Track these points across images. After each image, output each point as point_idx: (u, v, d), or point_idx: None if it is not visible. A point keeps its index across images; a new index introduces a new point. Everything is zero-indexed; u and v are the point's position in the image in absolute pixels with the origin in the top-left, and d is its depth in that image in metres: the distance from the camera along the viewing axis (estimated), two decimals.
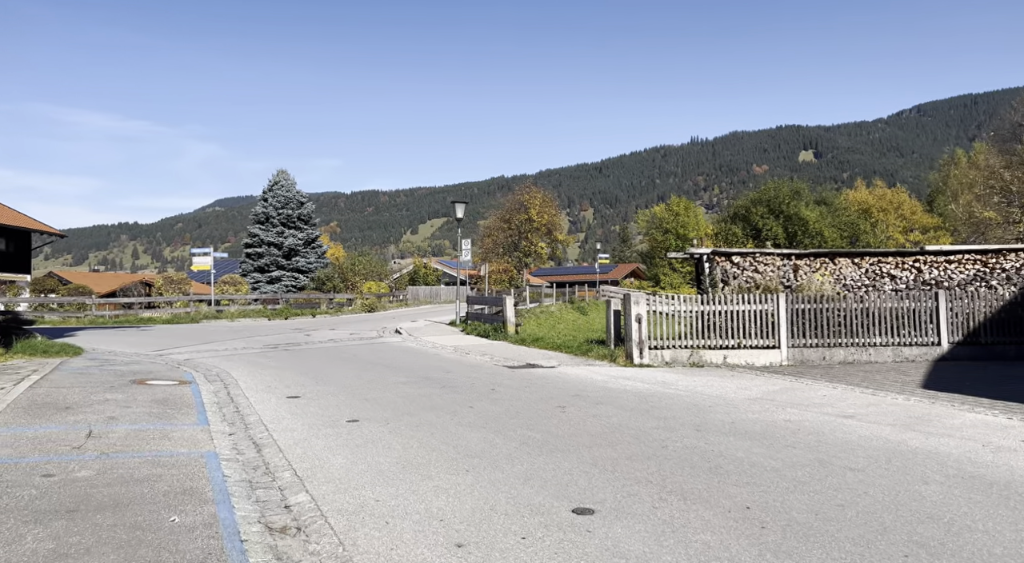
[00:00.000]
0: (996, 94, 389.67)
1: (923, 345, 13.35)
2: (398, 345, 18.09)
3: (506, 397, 9.59)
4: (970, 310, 13.38)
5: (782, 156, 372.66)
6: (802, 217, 48.66)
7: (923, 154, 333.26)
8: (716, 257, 14.49)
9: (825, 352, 13.32)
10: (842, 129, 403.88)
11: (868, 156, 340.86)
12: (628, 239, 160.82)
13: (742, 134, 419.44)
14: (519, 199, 57.85)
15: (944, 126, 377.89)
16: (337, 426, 7.83)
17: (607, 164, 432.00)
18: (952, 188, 54.20)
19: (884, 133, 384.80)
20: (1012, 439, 6.62)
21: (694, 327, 13.30)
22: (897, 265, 14.40)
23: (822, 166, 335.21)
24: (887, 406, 8.60)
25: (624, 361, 13.28)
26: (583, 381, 11.05)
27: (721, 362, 13.28)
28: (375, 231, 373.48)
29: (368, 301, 40.38)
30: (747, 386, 10.46)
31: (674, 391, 9.98)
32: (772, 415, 8.11)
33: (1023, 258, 14.34)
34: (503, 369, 12.73)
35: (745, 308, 13.32)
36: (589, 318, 33.74)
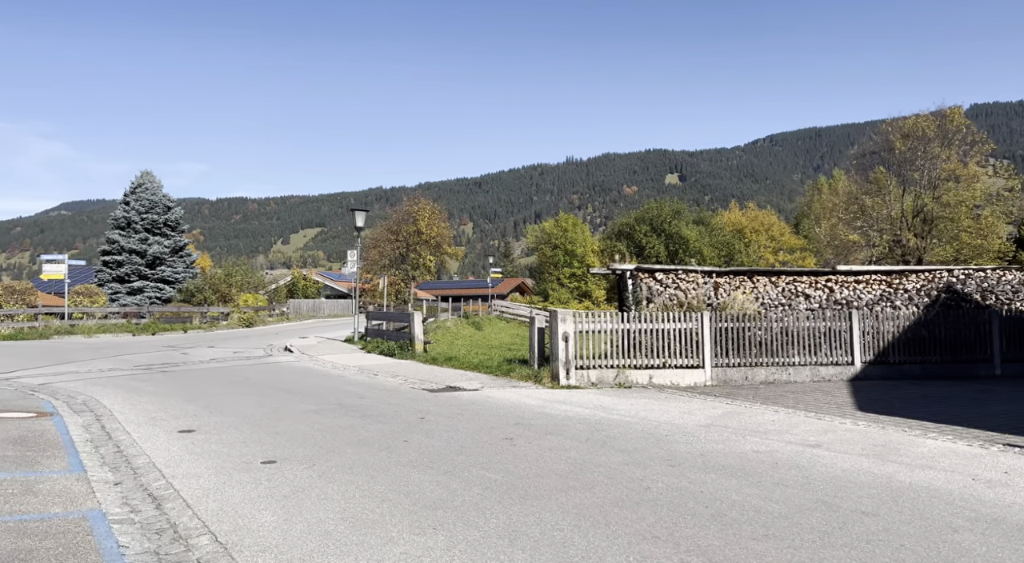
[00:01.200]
0: (836, 128, 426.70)
1: (839, 365, 13.50)
2: (293, 365, 16.51)
3: (441, 428, 8.57)
4: (879, 330, 13.68)
5: (650, 178, 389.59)
6: (683, 236, 50.37)
7: (775, 180, 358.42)
8: (640, 274, 14.11)
9: (747, 372, 13.18)
10: (704, 155, 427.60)
11: (727, 181, 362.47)
12: (510, 254, 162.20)
13: (614, 156, 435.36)
14: (407, 210, 56.46)
15: (793, 155, 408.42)
16: (252, 469, 6.57)
17: (486, 179, 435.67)
18: (816, 212, 58.03)
19: (741, 160, 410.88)
20: (993, 470, 6.38)
21: (619, 346, 12.79)
22: (811, 284, 14.59)
23: (686, 189, 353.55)
24: (843, 433, 8.31)
25: (550, 382, 12.55)
26: (517, 406, 10.20)
27: (647, 382, 12.83)
28: (242, 240, 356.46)
29: (246, 315, 37.68)
30: (689, 410, 9.98)
31: (620, 418, 9.32)
32: (736, 445, 7.59)
33: (923, 279, 14.93)
34: (424, 393, 11.65)
35: (670, 326, 12.96)
36: (485, 333, 32.98)
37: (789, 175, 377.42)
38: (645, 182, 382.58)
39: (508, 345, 28.75)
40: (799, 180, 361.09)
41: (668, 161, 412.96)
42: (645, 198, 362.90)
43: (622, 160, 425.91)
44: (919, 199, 41.04)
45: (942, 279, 14.94)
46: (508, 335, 36.17)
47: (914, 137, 41.04)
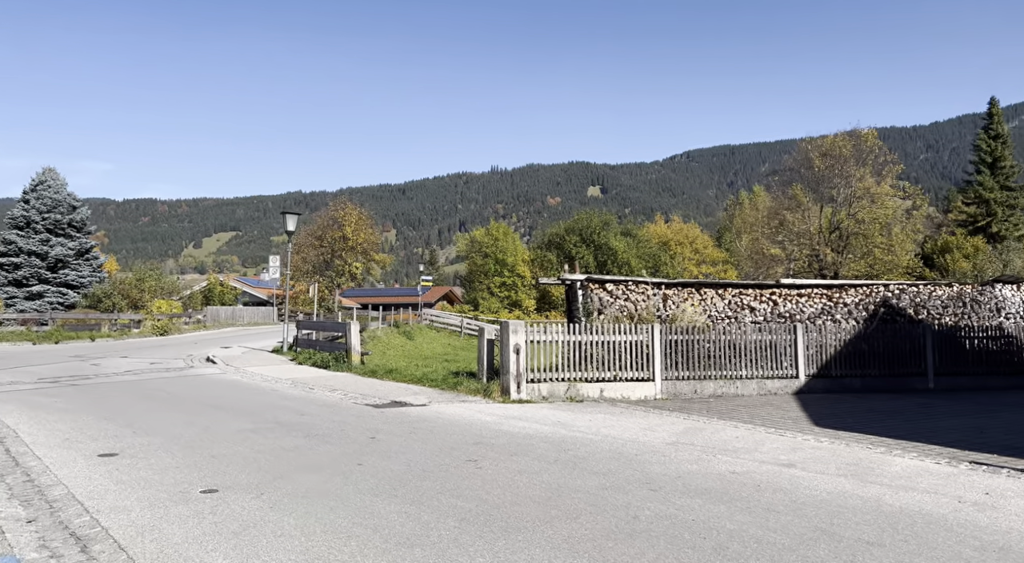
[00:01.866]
0: (749, 146, 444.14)
1: (784, 378, 13.56)
2: (220, 378, 15.43)
3: (396, 448, 7.96)
4: (822, 344, 13.84)
5: (573, 190, 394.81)
6: (611, 247, 50.86)
7: (691, 195, 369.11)
8: (591, 284, 13.83)
9: (696, 385, 13.07)
10: (625, 168, 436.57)
11: (646, 194, 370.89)
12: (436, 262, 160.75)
13: (538, 167, 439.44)
14: (333, 215, 54.92)
15: (708, 171, 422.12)
16: (192, 500, 5.83)
17: (411, 186, 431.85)
18: (737, 226, 59.84)
19: (660, 174, 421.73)
20: (975, 492, 6.29)
21: (570, 358, 12.44)
22: (756, 297, 14.67)
23: (608, 201, 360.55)
24: (810, 451, 8.16)
25: (500, 396, 12.07)
26: (472, 424, 9.67)
27: (598, 395, 12.53)
28: (151, 243, 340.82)
29: (160, 323, 35.57)
30: (650, 426, 9.69)
31: (582, 435, 8.93)
32: (711, 465, 7.31)
33: (861, 294, 15.25)
34: (368, 409, 10.96)
35: (621, 338, 12.72)
36: (417, 343, 32.22)
37: (705, 190, 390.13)
38: (568, 193, 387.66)
39: (442, 355, 28.11)
40: (714, 195, 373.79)
41: (590, 174, 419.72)
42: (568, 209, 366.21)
43: (546, 171, 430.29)
44: (836, 215, 42.82)
45: (879, 294, 15.30)
46: (440, 345, 35.49)
47: (831, 156, 42.81)
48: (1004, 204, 55.60)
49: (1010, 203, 56.00)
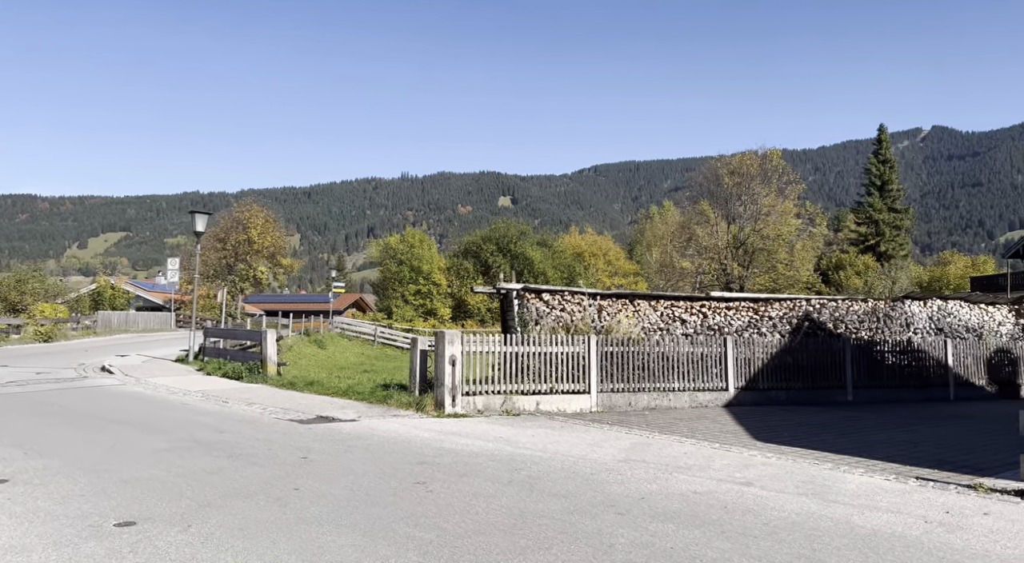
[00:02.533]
0: (653, 163, 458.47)
1: (715, 390, 13.64)
2: (120, 390, 14.14)
3: (333, 470, 7.32)
4: (750, 357, 14.02)
5: (484, 199, 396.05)
6: (528, 256, 50.95)
7: (599, 208, 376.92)
8: (527, 294, 13.50)
9: (631, 397, 12.94)
10: (535, 180, 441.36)
11: (555, 206, 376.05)
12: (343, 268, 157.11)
13: (450, 175, 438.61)
14: (237, 217, 52.49)
15: (614, 186, 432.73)
16: (106, 535, 5.07)
17: (317, 190, 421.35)
18: (648, 240, 61.34)
19: (568, 187, 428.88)
20: (935, 510, 6.27)
21: (507, 370, 12.05)
22: (687, 309, 14.73)
23: (518, 212, 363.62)
24: (761, 468, 8.06)
25: (435, 410, 11.52)
26: (410, 441, 9.10)
27: (534, 408, 12.18)
28: (30, 242, 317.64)
29: (44, 328, 32.81)
30: (595, 442, 9.40)
31: (530, 453, 8.53)
32: (670, 485, 7.06)
33: (785, 308, 15.60)
34: (294, 425, 10.19)
35: (558, 350, 12.44)
36: (330, 352, 31.08)
37: (611, 204, 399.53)
38: (479, 203, 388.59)
39: (359, 366, 27.17)
40: (619, 210, 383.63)
41: (501, 184, 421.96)
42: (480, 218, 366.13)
43: (457, 180, 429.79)
44: (742, 231, 44.47)
45: (802, 308, 15.70)
46: (354, 354, 34.42)
47: (739, 174, 44.46)
48: (891, 225, 59.46)
49: (896, 224, 59.94)
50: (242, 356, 16.73)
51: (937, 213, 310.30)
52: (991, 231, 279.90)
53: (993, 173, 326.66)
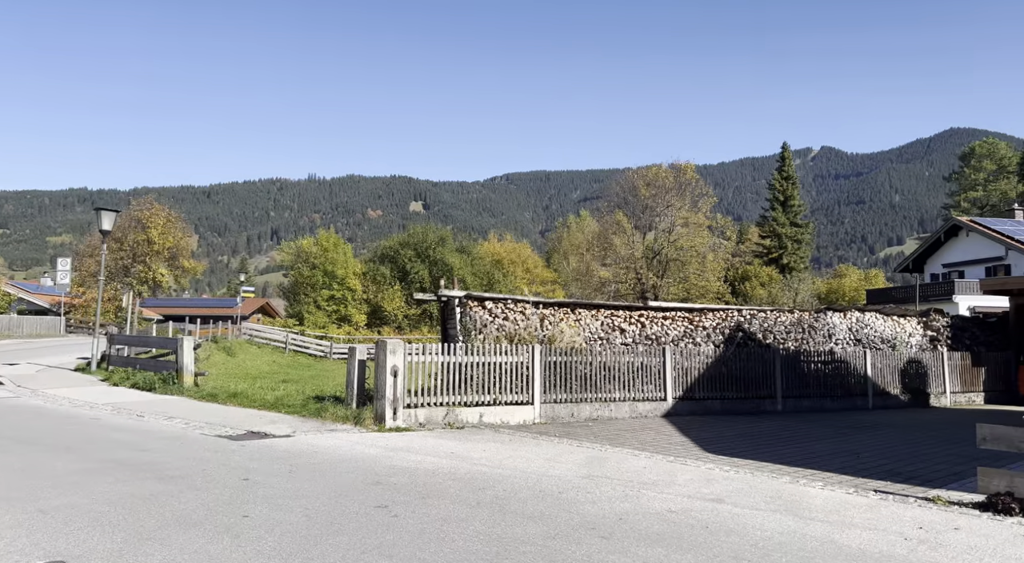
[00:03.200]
0: (563, 173, 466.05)
1: (653, 400, 13.63)
2: (15, 403, 12.78)
3: (282, 493, 6.70)
4: (687, 366, 14.11)
5: (395, 204, 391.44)
6: (447, 262, 50.32)
7: (510, 216, 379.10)
8: (469, 302, 13.07)
9: (573, 408, 12.74)
10: (447, 186, 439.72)
11: (467, 213, 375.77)
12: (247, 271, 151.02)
13: (359, 178, 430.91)
14: (136, 216, 49.38)
15: (525, 195, 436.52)
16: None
17: (217, 189, 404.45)
18: (565, 248, 62.00)
19: (480, 194, 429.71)
20: (909, 526, 6.27)
21: (450, 381, 11.60)
22: (626, 319, 14.69)
23: (430, 217, 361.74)
24: (725, 482, 7.97)
25: (375, 424, 10.93)
26: (357, 459, 8.52)
27: (477, 421, 11.78)
28: None
29: None
30: (552, 457, 9.10)
31: (488, 469, 8.13)
32: (643, 503, 6.83)
33: (719, 318, 15.82)
34: (225, 442, 9.39)
35: (503, 360, 12.09)
36: (240, 361, 29.59)
37: (522, 212, 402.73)
38: (390, 207, 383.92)
39: (273, 374, 25.99)
40: (530, 218, 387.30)
41: (413, 189, 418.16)
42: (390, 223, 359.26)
43: (367, 183, 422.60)
44: (657, 242, 45.57)
45: (733, 318, 15.98)
46: (265, 362, 32.97)
47: (655, 185, 45.58)
48: (793, 238, 62.40)
49: (797, 238, 62.95)
50: (154, 365, 15.49)
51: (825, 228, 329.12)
52: (872, 246, 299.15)
53: (875, 192, 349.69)
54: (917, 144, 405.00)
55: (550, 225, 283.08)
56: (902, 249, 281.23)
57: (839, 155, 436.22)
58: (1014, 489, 6.71)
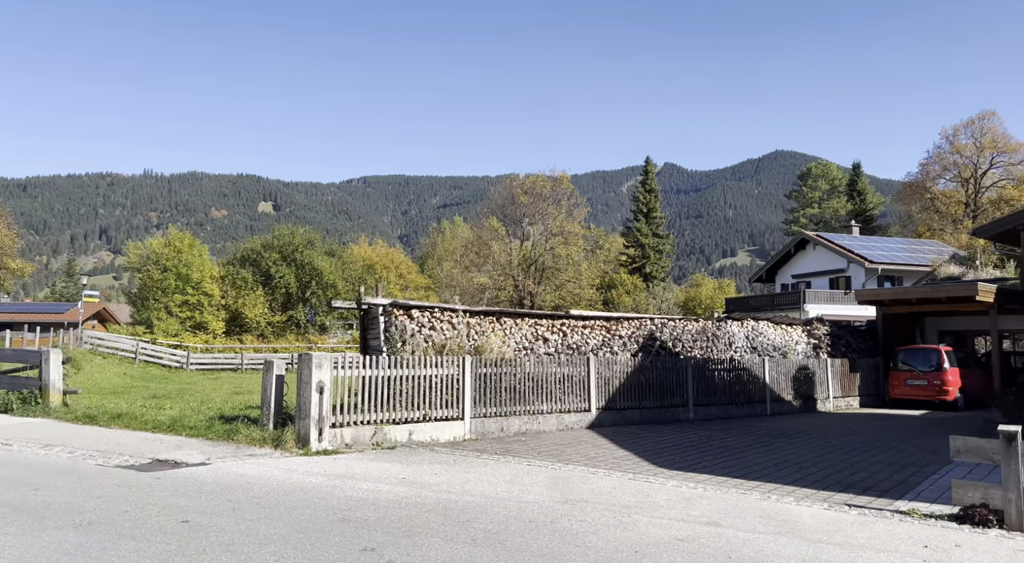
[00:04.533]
0: (421, 178, 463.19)
1: (579, 412, 13.34)
2: None
3: (243, 540, 5.65)
4: (609, 376, 13.95)
5: (242, 204, 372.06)
6: (316, 267, 47.93)
7: (367, 219, 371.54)
8: (395, 310, 12.12)
9: (503, 422, 12.16)
10: (300, 187, 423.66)
11: (322, 215, 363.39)
12: (73, 273, 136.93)
13: (202, 175, 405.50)
14: None
15: (384, 199, 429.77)
16: None
17: (35, 182, 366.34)
18: (439, 254, 61.11)
19: (336, 196, 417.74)
20: (913, 544, 6.21)
21: (376, 397, 10.67)
22: (549, 328, 14.29)
23: (280, 218, 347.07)
24: (706, 501, 7.72)
25: (297, 447, 9.80)
26: (303, 490, 7.48)
27: (407, 439, 10.92)
28: None
29: None
30: (511, 479, 8.47)
31: (455, 497, 7.39)
32: (645, 531, 6.38)
33: (633, 327, 15.81)
34: (133, 474, 7.98)
35: (433, 372, 11.32)
36: (88, 373, 26.49)
37: (381, 216, 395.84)
38: (237, 207, 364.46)
39: (130, 388, 23.51)
40: (389, 222, 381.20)
41: (262, 188, 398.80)
42: (237, 224, 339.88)
43: (211, 181, 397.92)
44: (535, 250, 45.96)
45: (646, 327, 16.04)
46: (116, 374, 29.80)
47: (533, 194, 45.97)
48: (655, 249, 65.23)
49: (659, 248, 65.87)
50: (8, 383, 13.18)
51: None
52: (709, 257, 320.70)
53: (711, 207, 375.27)
54: (748, 164, 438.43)
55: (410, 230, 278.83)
56: (734, 260, 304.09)
57: (680, 171, 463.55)
58: (988, 500, 6.89)
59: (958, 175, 61.62)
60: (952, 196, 61.72)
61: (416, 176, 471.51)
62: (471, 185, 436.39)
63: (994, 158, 60.16)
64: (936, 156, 62.50)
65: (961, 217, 60.05)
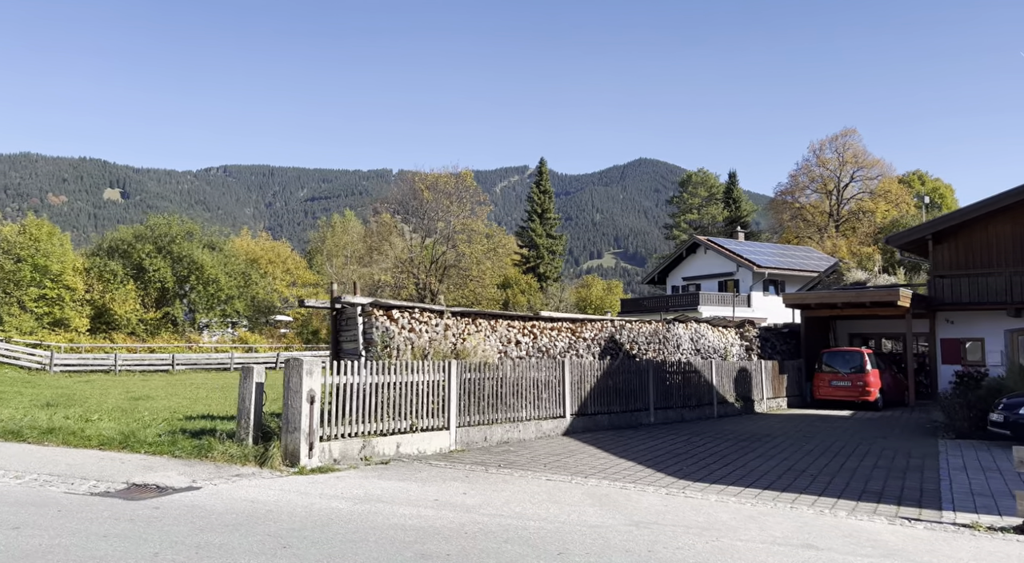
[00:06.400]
0: (288, 169, 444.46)
1: (555, 418, 12.77)
2: None
3: None
4: (581, 380, 13.49)
5: (84, 189, 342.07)
6: (195, 260, 44.39)
7: (227, 211, 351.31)
8: (375, 310, 11.00)
9: (486, 431, 11.39)
10: (152, 174, 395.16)
11: (177, 204, 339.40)
12: None
13: (36, 156, 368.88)
14: None
15: (246, 189, 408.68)
16: None
17: None
18: (328, 249, 58.50)
19: (193, 185, 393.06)
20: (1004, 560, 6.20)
21: (363, 406, 9.63)
22: (521, 330, 13.61)
23: (129, 207, 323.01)
24: (772, 519, 7.39)
25: (285, 464, 8.62)
26: (342, 519, 6.44)
27: (395, 452, 9.95)
28: None
29: None
30: (558, 497, 7.78)
31: (521, 522, 6.60)
32: (759, 557, 5.96)
33: (595, 329, 15.43)
34: (117, 503, 6.59)
35: (419, 379, 10.39)
36: None
37: (243, 208, 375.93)
38: (78, 193, 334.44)
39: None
40: (252, 214, 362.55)
41: (108, 174, 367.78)
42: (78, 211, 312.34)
43: (48, 163, 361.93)
44: (437, 246, 44.93)
45: (607, 329, 15.73)
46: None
47: (436, 189, 44.92)
48: (548, 249, 65.83)
49: (552, 249, 66.56)
50: None
51: None
52: (577, 259, 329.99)
53: (580, 211, 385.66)
54: (614, 170, 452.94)
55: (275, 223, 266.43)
56: (601, 262, 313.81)
57: (552, 175, 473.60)
58: None
59: (823, 186, 66.57)
60: (818, 206, 66.60)
61: (282, 167, 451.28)
62: (341, 179, 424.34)
63: (855, 172, 65.56)
64: (804, 168, 67.27)
65: (825, 226, 64.96)
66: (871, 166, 64.97)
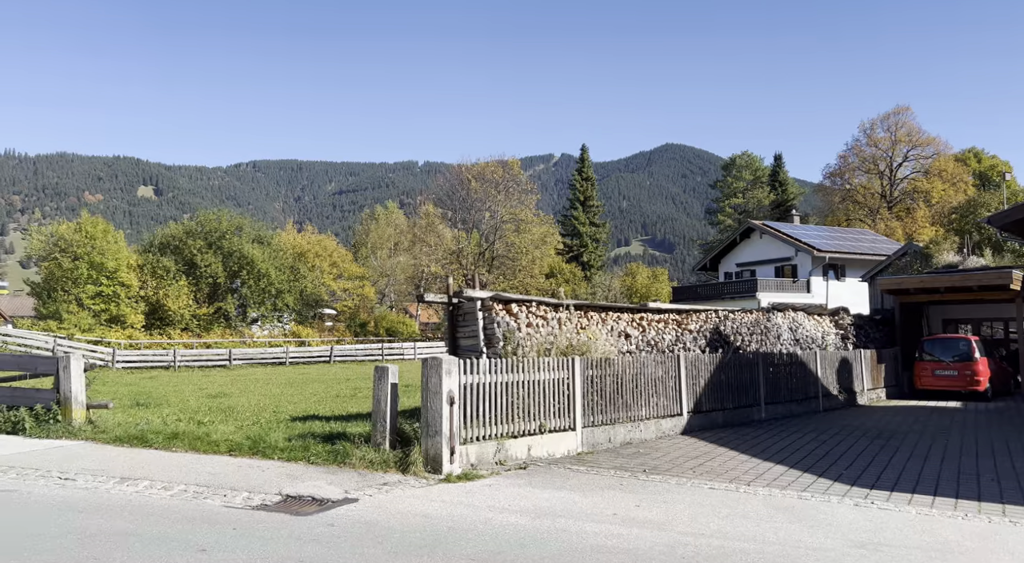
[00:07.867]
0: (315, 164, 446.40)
1: (673, 416, 12.06)
2: None
3: None
4: (696, 376, 12.74)
5: (119, 188, 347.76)
6: (245, 255, 44.37)
7: (258, 206, 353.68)
8: (495, 304, 10.41)
9: (609, 431, 10.73)
10: (183, 171, 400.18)
11: (209, 200, 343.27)
12: None
13: (73, 156, 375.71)
14: None
15: (275, 184, 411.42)
16: None
17: None
18: (372, 242, 58.36)
19: (223, 181, 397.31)
20: None
21: (496, 407, 9.03)
22: (630, 322, 12.93)
23: (163, 204, 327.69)
24: (1015, 539, 6.66)
25: (427, 470, 8.06)
26: (536, 539, 5.82)
27: (526, 455, 9.35)
28: None
29: None
30: (738, 508, 7.10)
31: (726, 543, 5.93)
32: None
33: (701, 320, 14.67)
34: (287, 519, 6.06)
35: (545, 377, 9.76)
36: None
37: (272, 203, 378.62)
38: (113, 191, 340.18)
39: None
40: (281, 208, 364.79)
41: (141, 172, 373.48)
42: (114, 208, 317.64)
43: (83, 163, 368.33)
44: (488, 238, 44.35)
45: (712, 320, 14.96)
46: None
47: (483, 179, 44.30)
48: (592, 237, 64.92)
49: (596, 237, 65.64)
50: (10, 396, 10.48)
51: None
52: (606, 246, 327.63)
53: (606, 198, 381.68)
54: (640, 156, 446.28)
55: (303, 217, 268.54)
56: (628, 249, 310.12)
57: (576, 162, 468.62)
58: None
59: (874, 167, 64.58)
60: (869, 188, 64.65)
61: (309, 161, 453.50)
62: (367, 171, 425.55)
63: (908, 152, 63.46)
64: (854, 148, 65.32)
65: (877, 207, 63.04)
66: (926, 144, 62.85)
